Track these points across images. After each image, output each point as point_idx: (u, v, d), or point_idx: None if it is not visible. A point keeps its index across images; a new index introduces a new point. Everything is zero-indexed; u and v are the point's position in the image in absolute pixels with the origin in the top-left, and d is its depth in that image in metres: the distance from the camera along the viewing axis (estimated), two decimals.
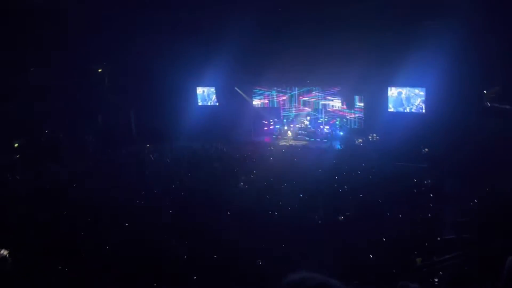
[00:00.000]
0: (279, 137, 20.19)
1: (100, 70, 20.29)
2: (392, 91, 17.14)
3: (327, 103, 19.73)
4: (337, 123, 19.52)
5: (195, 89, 21.69)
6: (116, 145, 18.47)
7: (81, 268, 7.02)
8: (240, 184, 12.27)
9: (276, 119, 20.93)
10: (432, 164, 14.01)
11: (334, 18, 15.25)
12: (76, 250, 7.62)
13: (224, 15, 16.17)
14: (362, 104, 18.60)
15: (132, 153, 17.50)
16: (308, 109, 20.30)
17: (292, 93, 20.53)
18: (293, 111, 20.71)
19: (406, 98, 16.93)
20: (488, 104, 14.53)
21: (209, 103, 21.69)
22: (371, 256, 7.22)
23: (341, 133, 18.97)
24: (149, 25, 16.90)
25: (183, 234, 8.40)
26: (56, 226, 8.91)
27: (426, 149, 15.50)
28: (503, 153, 11.89)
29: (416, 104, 16.75)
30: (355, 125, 19.02)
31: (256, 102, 21.16)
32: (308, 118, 20.33)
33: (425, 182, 11.93)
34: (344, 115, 19.32)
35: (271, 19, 16.32)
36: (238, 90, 20.62)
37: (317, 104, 20.02)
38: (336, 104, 19.50)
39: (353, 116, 19.03)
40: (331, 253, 6.99)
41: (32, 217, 9.36)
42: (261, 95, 21.05)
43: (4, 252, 6.35)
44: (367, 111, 18.34)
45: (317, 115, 20.12)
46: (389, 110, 17.16)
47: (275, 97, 20.85)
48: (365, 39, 15.38)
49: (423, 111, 16.56)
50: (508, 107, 13.82)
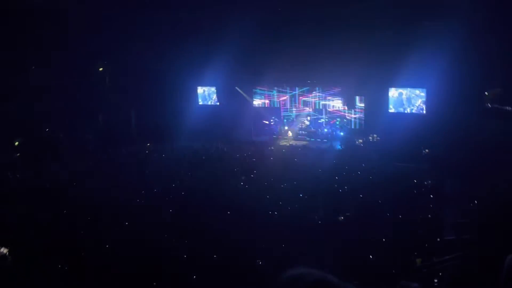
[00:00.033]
0: (280, 137, 20.19)
1: (101, 69, 20.30)
2: (393, 92, 17.14)
3: (327, 103, 19.73)
4: (337, 123, 19.52)
5: (196, 88, 21.69)
6: (117, 145, 18.46)
7: (81, 267, 7.01)
8: (240, 184, 12.26)
9: (276, 119, 20.93)
10: (432, 165, 14.00)
11: (334, 18, 15.26)
12: (75, 249, 7.61)
13: (225, 14, 16.19)
14: (362, 104, 18.60)
15: (133, 152, 17.49)
16: (308, 109, 20.30)
17: (293, 93, 20.53)
18: (293, 111, 20.71)
19: (406, 99, 16.93)
20: (488, 105, 14.52)
21: (209, 103, 21.69)
22: (371, 256, 7.22)
23: (341, 133, 18.97)
24: (150, 24, 16.92)
25: (183, 234, 8.40)
26: (56, 225, 8.91)
27: (426, 150, 15.50)
28: (503, 154, 11.87)
29: (416, 105, 16.75)
30: (355, 125, 19.02)
31: (257, 102, 21.16)
32: (309, 118, 20.33)
33: (425, 182, 11.92)
34: (345, 116, 19.32)
35: (272, 19, 16.33)
36: (238, 89, 20.62)
37: (317, 104, 20.02)
38: (336, 104, 19.50)
39: (354, 116, 19.03)
40: (331, 253, 6.98)
41: (32, 215, 9.36)
42: (261, 95, 21.05)
43: (4, 251, 6.34)
44: (367, 111, 18.35)
45: (318, 115, 20.12)
46: (389, 111, 17.17)
47: (275, 97, 20.85)
48: (366, 40, 15.40)
49: (423, 112, 16.56)
50: (509, 108, 13.81)
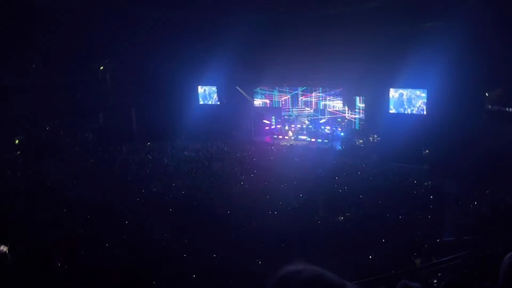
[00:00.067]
0: (280, 137, 20.18)
1: (101, 68, 20.31)
2: (394, 93, 17.13)
3: (328, 103, 19.72)
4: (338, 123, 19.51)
5: (196, 88, 21.67)
6: (117, 143, 18.47)
7: (80, 266, 7.01)
8: (240, 184, 12.26)
9: (277, 119, 20.92)
10: (432, 166, 14.00)
11: (335, 18, 15.25)
12: (75, 248, 7.61)
13: (226, 14, 16.18)
14: (363, 105, 18.58)
15: (133, 151, 17.50)
16: (309, 109, 20.29)
17: (293, 93, 20.52)
18: (294, 111, 20.70)
19: (407, 99, 16.91)
20: (490, 107, 14.50)
21: (210, 102, 21.67)
22: (370, 256, 7.22)
23: (342, 133, 18.96)
24: (151, 24, 16.91)
25: (183, 233, 8.40)
26: (56, 223, 8.91)
27: (426, 151, 15.49)
28: (504, 156, 11.87)
29: (417, 106, 16.72)
30: (356, 126, 19.01)
31: (257, 102, 21.15)
32: (309, 118, 20.32)
33: (425, 183, 11.93)
34: (345, 116, 19.30)
35: (272, 19, 16.32)
36: (239, 89, 20.61)
37: (318, 104, 20.01)
38: (337, 104, 19.48)
39: (354, 117, 19.02)
40: (331, 253, 6.99)
41: (32, 213, 9.36)
42: (262, 94, 21.04)
43: (4, 248, 6.33)
44: (368, 112, 18.32)
45: (318, 115, 20.11)
46: (390, 112, 17.14)
47: (276, 97, 20.84)
48: (367, 40, 15.37)
49: (424, 112, 16.52)
50: (510, 109, 13.78)
